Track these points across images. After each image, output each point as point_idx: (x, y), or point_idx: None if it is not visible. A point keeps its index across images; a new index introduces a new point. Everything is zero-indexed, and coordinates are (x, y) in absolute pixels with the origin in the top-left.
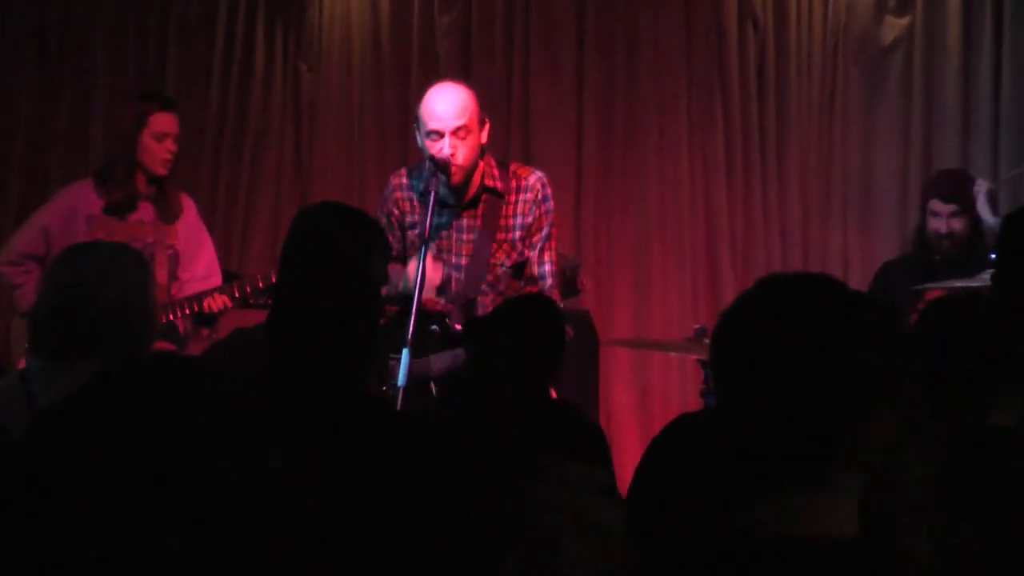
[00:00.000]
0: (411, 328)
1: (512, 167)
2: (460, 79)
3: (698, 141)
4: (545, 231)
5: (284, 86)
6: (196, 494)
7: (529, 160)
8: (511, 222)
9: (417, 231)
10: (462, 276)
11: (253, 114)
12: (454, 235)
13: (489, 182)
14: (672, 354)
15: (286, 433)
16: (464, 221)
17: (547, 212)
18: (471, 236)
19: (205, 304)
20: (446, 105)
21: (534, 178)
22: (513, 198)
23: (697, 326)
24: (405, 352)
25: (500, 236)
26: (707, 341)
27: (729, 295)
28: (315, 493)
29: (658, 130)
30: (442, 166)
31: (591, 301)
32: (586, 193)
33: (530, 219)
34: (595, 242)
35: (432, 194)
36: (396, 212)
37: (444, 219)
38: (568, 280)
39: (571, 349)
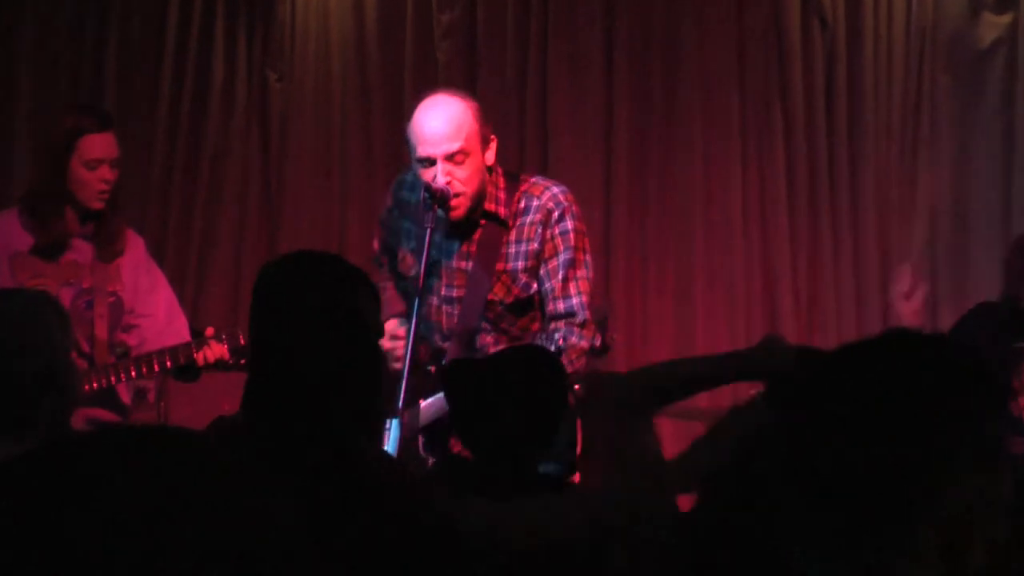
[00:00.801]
0: (403, 392)
1: (524, 184)
2: (455, 89)
3: (753, 166)
4: (565, 256)
5: (248, 99)
6: None
7: None
8: (511, 249)
9: (413, 244)
10: (454, 311)
11: (210, 134)
12: (443, 261)
13: (490, 206)
14: None
15: (276, 532)
16: (456, 245)
17: (564, 233)
18: (464, 264)
19: (200, 356)
20: (436, 124)
21: (547, 196)
22: (517, 222)
23: (755, 391)
24: (395, 422)
25: (499, 267)
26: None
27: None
28: None
29: (704, 153)
30: (440, 199)
31: (622, 360)
32: (616, 229)
33: (536, 245)
34: (627, 289)
35: (428, 231)
36: (391, 215)
37: (434, 240)
38: None
39: (597, 421)
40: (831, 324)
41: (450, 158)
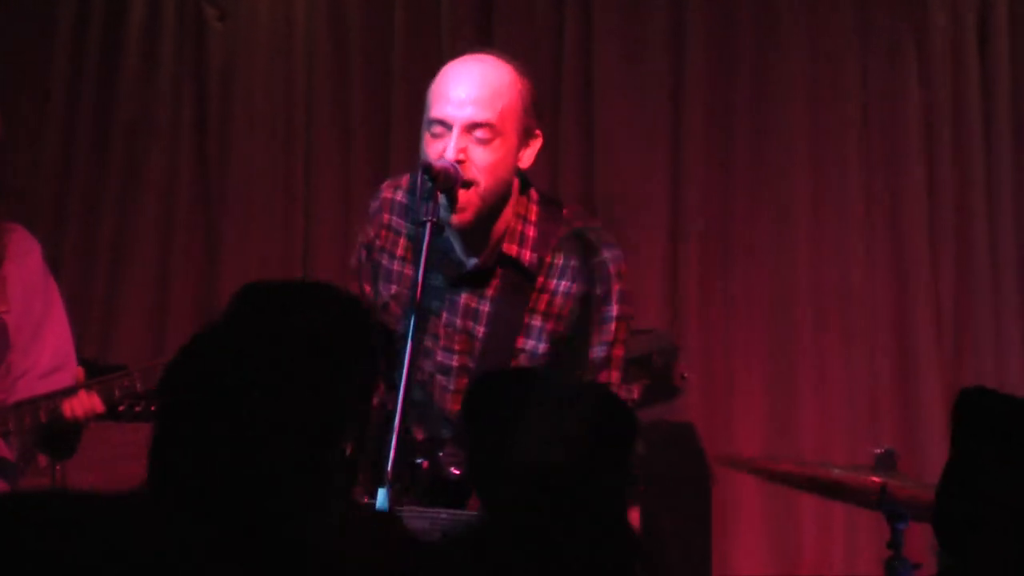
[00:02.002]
0: (392, 454)
1: (564, 228)
2: (507, 56)
3: (877, 139)
4: (598, 351)
5: (178, 47)
6: None
7: (592, 189)
8: (532, 321)
9: (395, 288)
10: (452, 384)
11: (124, 95)
12: (444, 316)
13: (511, 247)
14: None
15: None
16: (462, 298)
17: (604, 322)
18: (470, 325)
19: (66, 408)
20: (467, 83)
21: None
22: (547, 284)
23: (879, 450)
24: (382, 493)
25: (519, 342)
26: (899, 477)
27: (932, 391)
28: None
29: (811, 121)
30: (443, 181)
31: (698, 406)
32: (688, 229)
33: (562, 327)
34: (703, 309)
35: (427, 226)
36: (377, 244)
37: (437, 280)
38: (658, 372)
39: (663, 484)
40: (986, 357)
41: (472, 130)
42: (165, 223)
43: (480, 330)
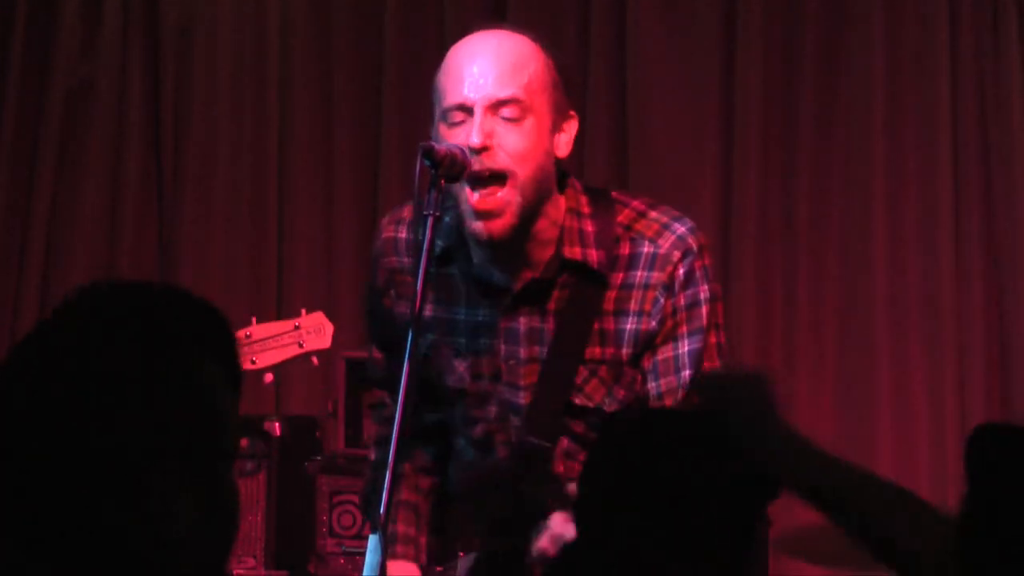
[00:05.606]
0: (386, 493)
1: (624, 212)
2: (515, 26)
3: (971, 132)
4: (691, 345)
5: (125, 3)
6: None
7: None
8: (611, 325)
9: (431, 336)
10: (521, 421)
11: (62, 56)
12: (503, 349)
13: (572, 249)
14: None
15: None
16: (521, 323)
17: (693, 306)
18: (537, 350)
19: None
20: (484, 59)
21: (668, 240)
22: (619, 278)
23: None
24: (372, 540)
25: (594, 352)
26: None
27: None
28: None
29: (887, 114)
30: (444, 162)
31: None
32: (741, 247)
33: (654, 323)
34: (763, 324)
35: (428, 221)
36: (392, 293)
37: (482, 314)
38: None
39: None
40: None
41: (497, 109)
42: (110, 212)
43: (543, 351)
